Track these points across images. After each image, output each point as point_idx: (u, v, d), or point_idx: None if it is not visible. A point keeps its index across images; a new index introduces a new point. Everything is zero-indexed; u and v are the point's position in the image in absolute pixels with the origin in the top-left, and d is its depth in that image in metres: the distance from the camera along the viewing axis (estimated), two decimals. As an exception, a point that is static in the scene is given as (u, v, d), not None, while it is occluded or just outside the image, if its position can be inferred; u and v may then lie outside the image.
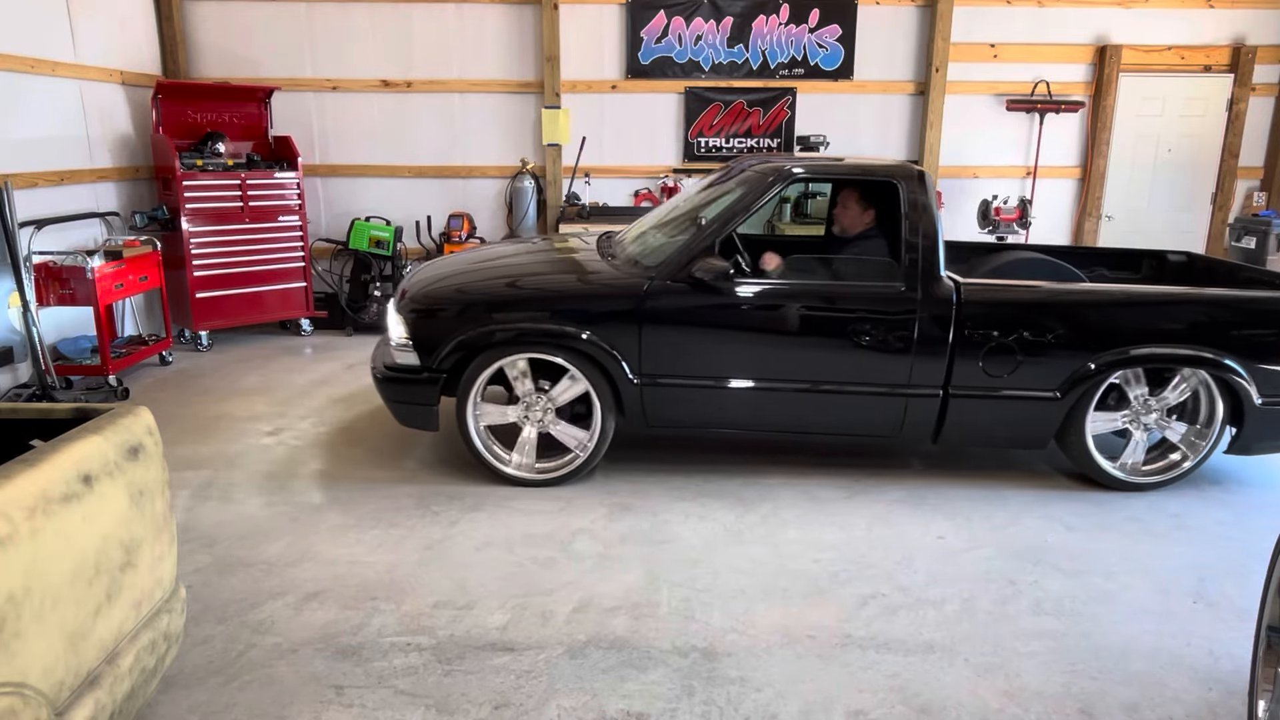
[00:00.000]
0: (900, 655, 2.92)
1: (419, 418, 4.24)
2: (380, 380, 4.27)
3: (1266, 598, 2.35)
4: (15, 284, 5.11)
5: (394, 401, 4.27)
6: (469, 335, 4.05)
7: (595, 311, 4.03)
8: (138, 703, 2.24)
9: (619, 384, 4.09)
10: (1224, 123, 7.73)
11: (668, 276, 4.05)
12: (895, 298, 4.01)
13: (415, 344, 4.13)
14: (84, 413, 2.34)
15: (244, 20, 7.38)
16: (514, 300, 4.09)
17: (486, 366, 4.09)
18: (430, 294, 4.21)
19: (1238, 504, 4.18)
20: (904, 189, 4.08)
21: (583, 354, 4.06)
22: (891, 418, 4.14)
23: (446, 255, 5.16)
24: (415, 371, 4.15)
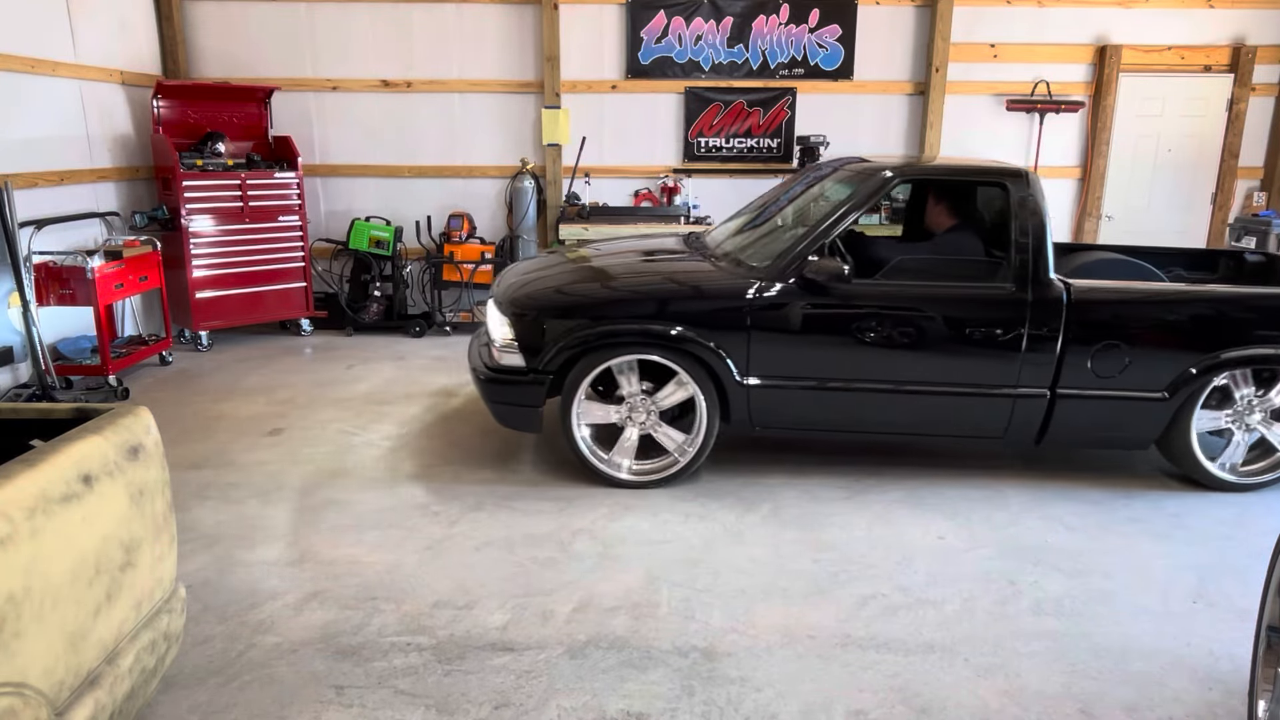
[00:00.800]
0: (900, 655, 2.92)
1: (522, 419, 4.22)
2: (483, 382, 4.24)
3: (1266, 598, 2.35)
4: (15, 284, 5.11)
5: (496, 403, 4.23)
6: (578, 337, 4.03)
7: (706, 313, 4.03)
8: (138, 703, 2.24)
9: (726, 385, 4.09)
10: (1224, 123, 7.73)
11: (777, 277, 4.05)
12: (1005, 299, 4.01)
13: (521, 345, 4.12)
14: (84, 413, 2.34)
15: (244, 20, 7.38)
16: (625, 301, 4.08)
17: (593, 368, 4.08)
18: (536, 296, 4.19)
19: (1238, 504, 4.18)
20: (1013, 190, 4.09)
21: (691, 355, 4.06)
22: (998, 419, 4.14)
23: (538, 255, 5.15)
24: (520, 373, 4.13)
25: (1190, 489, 4.34)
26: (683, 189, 7.55)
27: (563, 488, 4.25)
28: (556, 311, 4.10)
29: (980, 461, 4.66)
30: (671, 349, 4.05)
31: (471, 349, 4.65)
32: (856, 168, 4.38)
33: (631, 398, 4.16)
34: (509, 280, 4.52)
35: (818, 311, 4.04)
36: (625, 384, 4.15)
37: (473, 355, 4.53)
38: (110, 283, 5.72)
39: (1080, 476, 4.47)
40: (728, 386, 4.09)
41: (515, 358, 4.14)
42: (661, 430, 4.21)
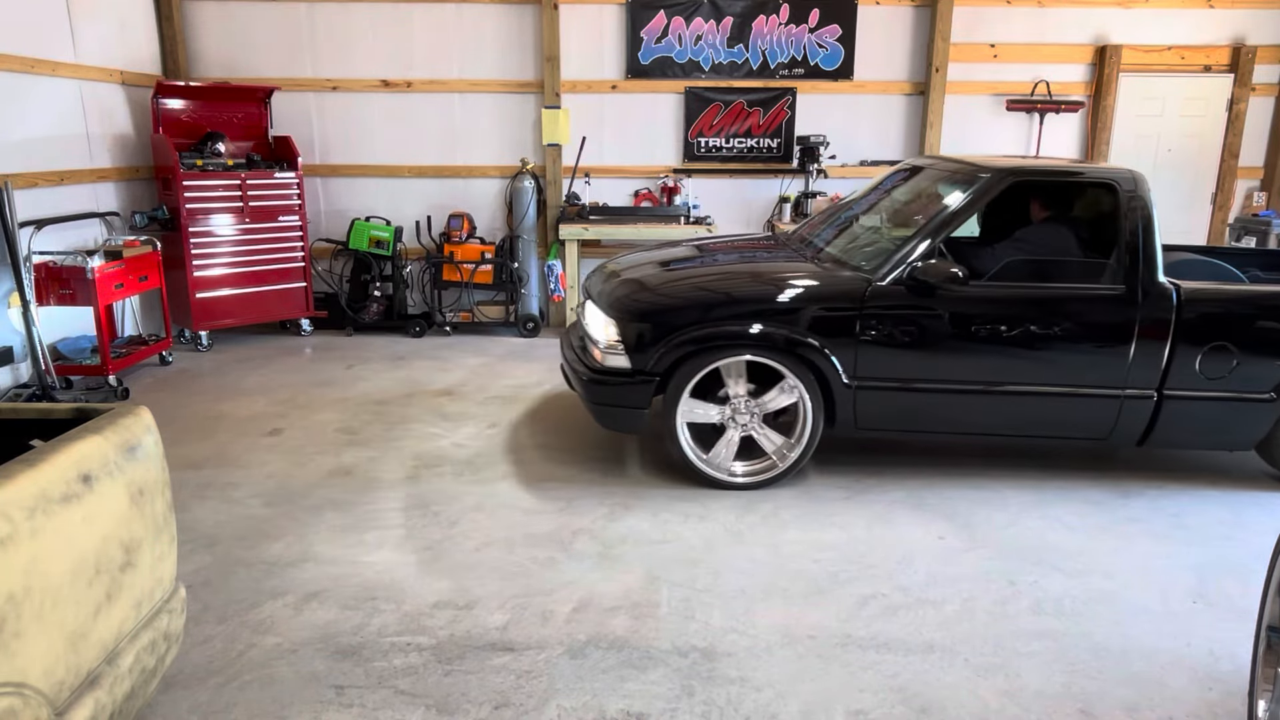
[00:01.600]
0: (900, 655, 2.92)
1: (625, 420, 4.21)
2: (585, 383, 4.22)
3: (1266, 598, 2.35)
4: (15, 284, 5.11)
5: (599, 404, 4.21)
6: (686, 338, 4.02)
7: (816, 314, 4.03)
8: (138, 703, 2.24)
9: (833, 387, 4.09)
10: (1224, 123, 7.73)
11: (888, 279, 4.05)
12: (1115, 300, 4.02)
13: (628, 347, 4.11)
14: (84, 413, 2.34)
15: (244, 20, 7.38)
16: (737, 303, 4.07)
17: (700, 369, 4.07)
18: (642, 297, 4.19)
19: (1238, 504, 4.18)
20: (1123, 191, 4.10)
21: (798, 357, 4.06)
22: (1105, 420, 4.15)
23: (631, 254, 5.17)
24: (626, 374, 4.13)
25: (1190, 489, 4.34)
26: (683, 189, 7.55)
27: (562, 487, 4.25)
28: (666, 313, 4.08)
29: (980, 461, 4.66)
30: (780, 350, 4.04)
31: (564, 348, 4.66)
32: (957, 168, 4.38)
33: (736, 399, 4.16)
34: (609, 281, 4.50)
35: (929, 313, 4.04)
36: (731, 385, 4.14)
37: (567, 355, 4.53)
38: (110, 283, 5.72)
39: (1080, 476, 4.47)
40: (834, 388, 4.09)
41: (621, 359, 4.13)
42: (763, 432, 4.21)
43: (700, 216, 7.40)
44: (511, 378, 6.14)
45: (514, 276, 7.38)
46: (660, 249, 5.18)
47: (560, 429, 5.08)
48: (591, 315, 4.39)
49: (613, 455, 4.66)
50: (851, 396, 4.11)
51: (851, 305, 4.03)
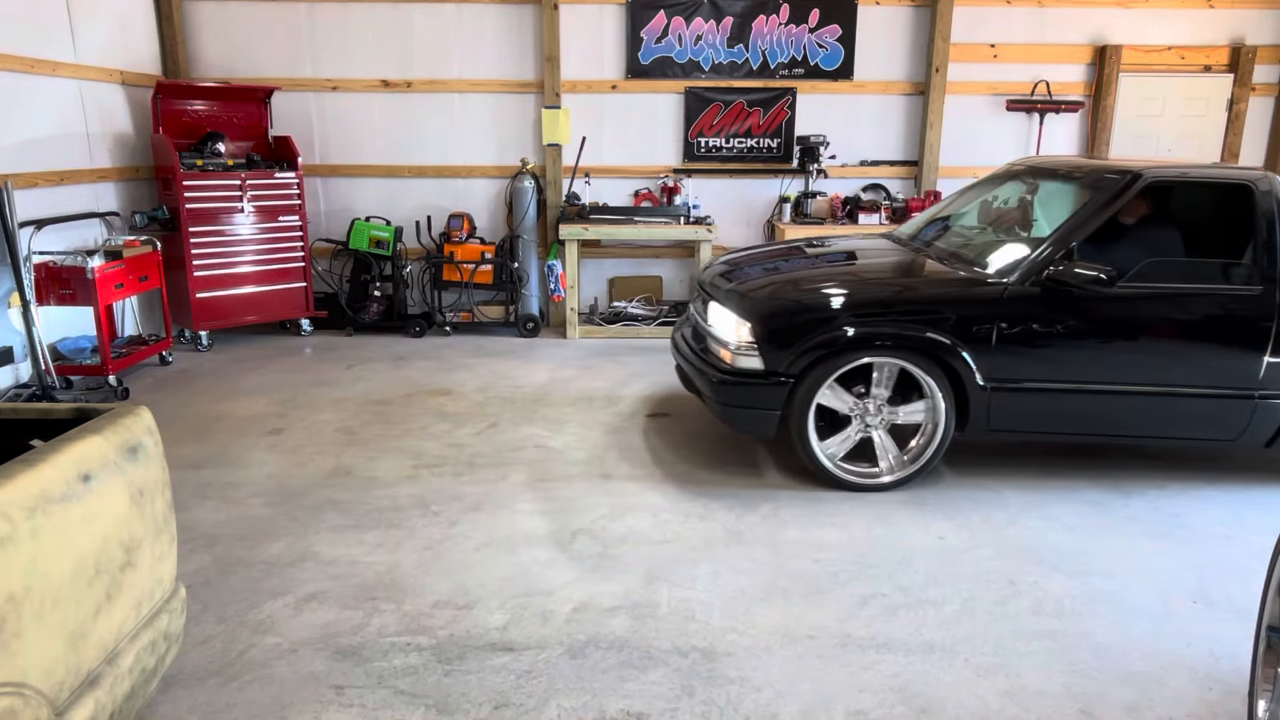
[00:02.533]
0: (900, 655, 2.92)
1: (755, 422, 4.19)
2: (714, 385, 4.20)
3: (1266, 598, 2.35)
4: (15, 284, 5.11)
5: (730, 406, 4.19)
6: (822, 340, 4.01)
7: (953, 316, 4.02)
8: (138, 703, 2.24)
9: (968, 389, 4.08)
10: (1224, 123, 7.73)
11: (1026, 280, 4.05)
12: (1252, 300, 4.02)
13: (761, 349, 4.10)
14: (84, 413, 2.34)
15: (244, 20, 7.38)
16: (874, 305, 4.06)
17: (835, 371, 4.06)
18: (778, 298, 4.18)
19: (1238, 504, 4.18)
20: (1259, 192, 4.10)
21: (935, 358, 4.05)
22: (1238, 421, 4.14)
23: (741, 252, 5.20)
24: (761, 376, 4.11)
25: (1190, 489, 4.34)
26: (683, 189, 7.55)
27: (562, 487, 4.25)
28: (804, 315, 4.07)
29: (980, 461, 4.66)
30: (917, 352, 4.04)
31: (677, 350, 4.67)
32: (1086, 170, 4.38)
33: (861, 401, 4.15)
34: (736, 281, 4.48)
35: (1067, 314, 4.03)
36: (872, 386, 4.13)
37: (684, 356, 4.53)
38: (110, 283, 5.72)
39: (1080, 476, 4.47)
40: (969, 391, 4.08)
41: (754, 361, 4.11)
42: (884, 440, 4.21)
43: (700, 216, 7.40)
44: (513, 378, 6.15)
45: (514, 276, 7.38)
46: (768, 247, 5.21)
47: (556, 432, 5.08)
48: (719, 316, 4.36)
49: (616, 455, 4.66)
50: (986, 398, 4.10)
51: (989, 307, 4.03)
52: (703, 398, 4.46)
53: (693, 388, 4.65)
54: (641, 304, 7.82)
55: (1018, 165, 5.08)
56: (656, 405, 5.54)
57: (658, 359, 6.69)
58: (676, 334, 4.94)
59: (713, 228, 7.26)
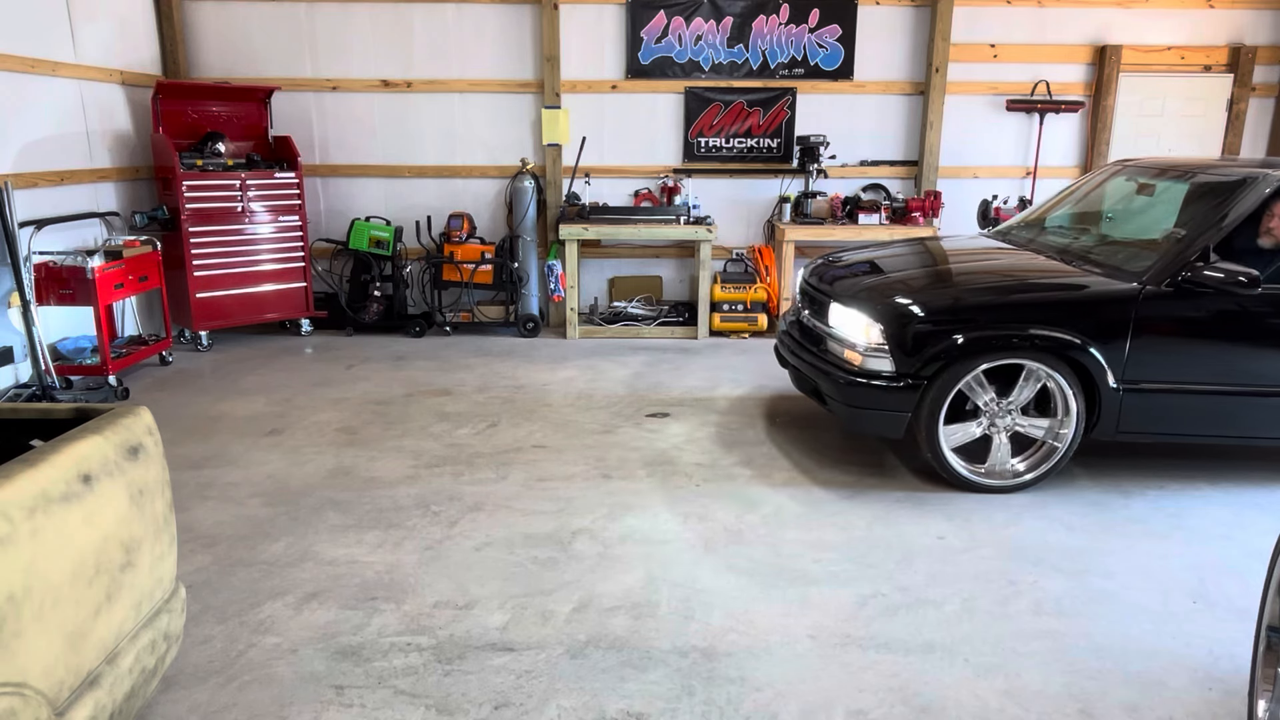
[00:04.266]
0: (900, 655, 2.92)
1: (884, 424, 4.19)
2: (842, 386, 4.20)
3: (1266, 598, 2.35)
4: (15, 284, 5.11)
5: (857, 407, 4.19)
6: (959, 343, 4.00)
7: (1087, 317, 4.02)
8: (138, 703, 2.24)
9: (1100, 391, 4.06)
10: (1224, 123, 7.73)
11: (1160, 281, 4.03)
12: None
13: (893, 350, 4.09)
14: (84, 413, 2.34)
15: (244, 20, 7.38)
16: (1008, 306, 4.05)
17: (968, 373, 4.06)
18: (913, 301, 4.17)
19: (1238, 504, 4.18)
20: None
21: (1067, 360, 4.04)
22: None
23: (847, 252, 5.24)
24: (890, 378, 4.11)
25: (1190, 489, 4.34)
26: (683, 189, 7.55)
27: (562, 487, 4.25)
28: (940, 318, 4.06)
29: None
30: (1050, 354, 4.03)
31: (789, 349, 4.70)
32: (1218, 170, 4.37)
33: (991, 403, 4.15)
34: (865, 282, 4.48)
35: (1206, 315, 4.01)
36: (979, 395, 4.13)
37: (806, 358, 4.53)
38: (110, 283, 5.72)
39: (1080, 476, 4.47)
40: (1102, 392, 4.07)
41: (884, 362, 4.11)
42: (1028, 423, 4.20)
43: (700, 216, 7.40)
44: (508, 377, 6.14)
45: (514, 276, 7.38)
46: (877, 248, 5.23)
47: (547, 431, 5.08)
48: (845, 317, 4.35)
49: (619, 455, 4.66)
50: (1118, 400, 4.08)
51: (1124, 308, 4.01)
52: (821, 399, 4.47)
53: (808, 389, 4.64)
54: (641, 304, 7.82)
55: (1123, 165, 5.08)
56: (656, 405, 5.54)
57: (658, 359, 6.70)
58: (782, 334, 4.98)
59: (713, 228, 7.26)
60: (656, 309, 7.73)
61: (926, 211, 7.29)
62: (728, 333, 7.47)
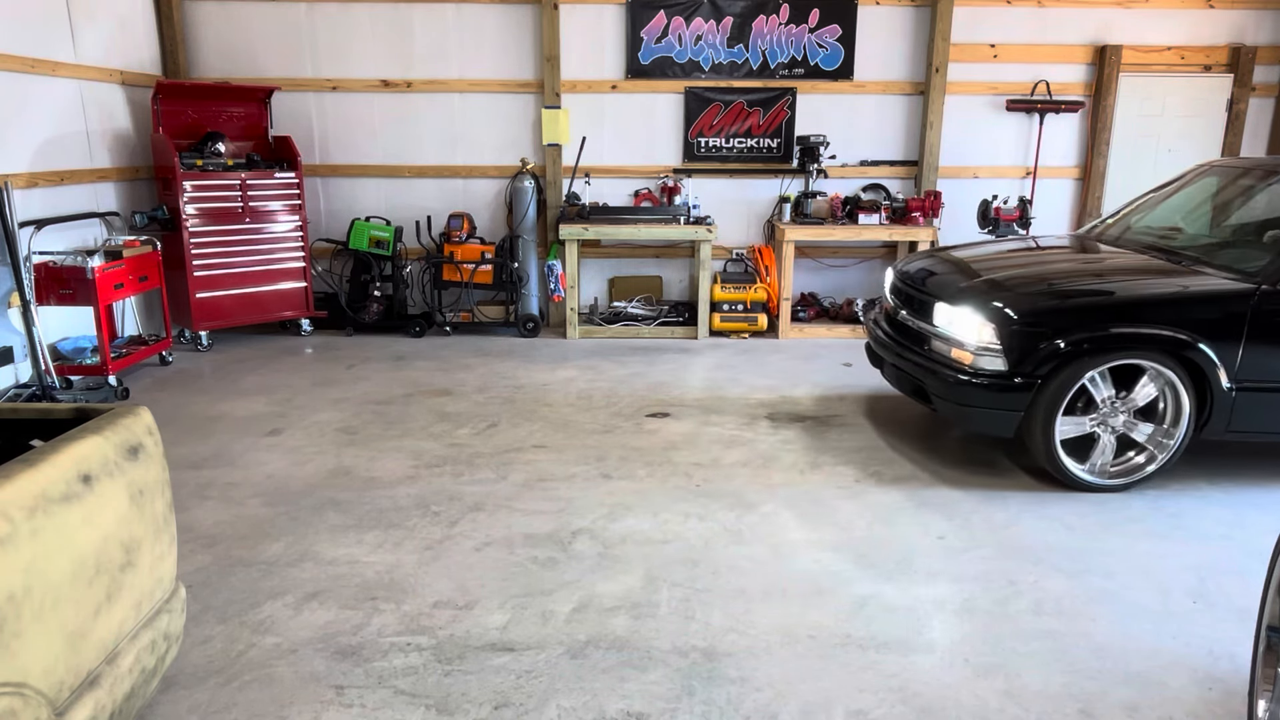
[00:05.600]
0: (900, 655, 2.92)
1: (996, 423, 4.22)
2: (953, 385, 4.23)
3: (1266, 598, 2.35)
4: (15, 284, 5.11)
5: (967, 406, 4.22)
6: (1075, 342, 4.00)
7: (1203, 317, 4.03)
8: (138, 703, 2.24)
9: (1213, 390, 4.07)
10: (1224, 123, 7.73)
11: (1278, 280, 4.04)
12: None
13: (1006, 349, 4.10)
14: (84, 413, 2.34)
15: (244, 20, 7.38)
16: (1124, 306, 4.06)
17: (1082, 373, 4.06)
18: (1027, 301, 4.17)
19: (1238, 504, 4.18)
20: None
21: (1182, 360, 4.05)
22: None
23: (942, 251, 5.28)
24: (1004, 377, 4.12)
25: (1190, 489, 4.34)
26: (683, 189, 7.55)
27: (562, 487, 4.25)
28: (1056, 318, 4.07)
29: (980, 462, 4.66)
30: (1165, 354, 4.03)
31: (886, 348, 4.72)
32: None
33: (1105, 402, 4.16)
34: (975, 282, 4.49)
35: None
36: (1097, 392, 4.13)
37: (908, 356, 4.55)
38: (110, 283, 5.72)
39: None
40: (1215, 392, 4.07)
41: (996, 362, 4.13)
42: (1136, 426, 4.21)
43: (700, 216, 7.40)
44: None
45: (514, 276, 7.38)
46: (966, 248, 5.27)
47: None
48: (952, 316, 4.37)
49: (615, 455, 4.66)
50: (1230, 400, 4.09)
51: (1240, 308, 4.02)
52: (924, 398, 4.49)
53: (909, 389, 4.67)
54: (641, 304, 7.82)
55: (1210, 166, 5.12)
56: (656, 405, 5.54)
57: (658, 359, 6.70)
58: (874, 333, 5.01)
59: (713, 228, 7.27)
60: (656, 309, 7.73)
61: (926, 211, 7.29)
62: (728, 333, 7.47)
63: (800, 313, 7.72)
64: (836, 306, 7.86)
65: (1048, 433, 4.14)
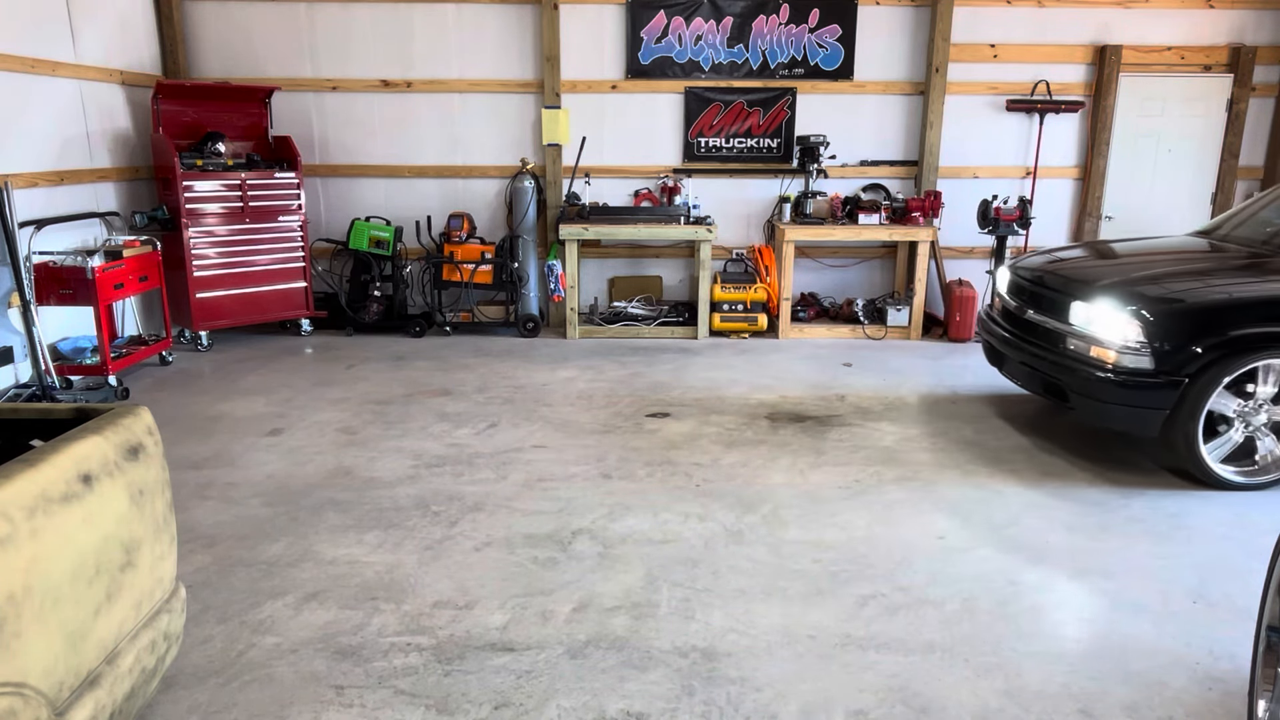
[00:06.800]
0: (900, 655, 2.92)
1: (1139, 421, 4.25)
2: (1094, 382, 4.24)
3: (1266, 598, 2.35)
4: (15, 284, 5.11)
5: (1109, 404, 4.25)
6: (1226, 340, 4.01)
7: None
8: (138, 703, 2.24)
9: None
10: (1224, 123, 7.73)
11: None
12: None
13: (1153, 347, 4.12)
14: (84, 413, 2.34)
15: (244, 20, 7.38)
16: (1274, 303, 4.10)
17: (1233, 371, 4.06)
18: (1178, 299, 4.18)
19: (1238, 504, 4.18)
20: None
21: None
22: None
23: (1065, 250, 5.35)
24: (1150, 375, 4.14)
25: (1189, 489, 4.34)
26: (683, 189, 7.55)
27: (561, 487, 4.25)
28: (1208, 316, 4.08)
29: (980, 461, 4.66)
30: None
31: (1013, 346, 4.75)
32: None
33: (1248, 403, 4.20)
34: (1110, 280, 4.51)
35: None
36: (1260, 387, 4.16)
37: (1042, 354, 4.56)
38: (110, 283, 5.72)
39: (1080, 476, 4.47)
40: None
41: (1141, 359, 4.14)
42: (1269, 438, 4.24)
43: (700, 216, 7.40)
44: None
45: (514, 276, 7.38)
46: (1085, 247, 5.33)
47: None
48: (1092, 314, 4.39)
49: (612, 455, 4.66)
50: None
51: None
52: (1057, 396, 4.52)
53: (1039, 387, 4.69)
54: (641, 304, 7.82)
55: None
56: (656, 405, 5.54)
57: (658, 359, 6.70)
58: (993, 332, 5.04)
59: (713, 228, 7.27)
60: (656, 309, 7.73)
61: (926, 211, 7.29)
62: (728, 333, 7.47)
63: (800, 313, 7.72)
64: (836, 306, 7.86)
65: (1190, 432, 4.16)
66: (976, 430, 5.13)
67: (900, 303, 7.47)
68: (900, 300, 7.53)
